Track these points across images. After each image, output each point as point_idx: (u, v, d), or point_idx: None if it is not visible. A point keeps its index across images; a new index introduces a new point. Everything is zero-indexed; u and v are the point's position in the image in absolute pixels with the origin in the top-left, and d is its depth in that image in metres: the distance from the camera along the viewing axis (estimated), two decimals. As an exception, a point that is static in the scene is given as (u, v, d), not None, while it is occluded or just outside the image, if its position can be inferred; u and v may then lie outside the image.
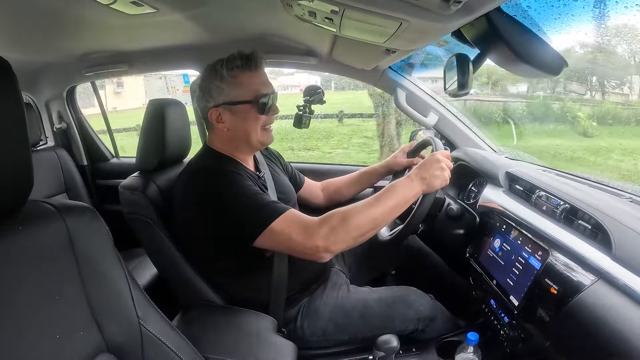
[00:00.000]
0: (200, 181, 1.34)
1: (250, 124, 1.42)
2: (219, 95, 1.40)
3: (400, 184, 1.34)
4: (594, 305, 0.92)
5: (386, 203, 1.29)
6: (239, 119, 1.41)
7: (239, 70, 1.39)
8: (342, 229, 1.23)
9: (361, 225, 1.25)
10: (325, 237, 1.23)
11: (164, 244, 1.42)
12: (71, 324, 0.75)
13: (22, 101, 0.69)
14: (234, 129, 1.43)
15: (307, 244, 1.24)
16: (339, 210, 1.27)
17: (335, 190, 2.00)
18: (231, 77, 1.38)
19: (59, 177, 2.52)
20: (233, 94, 1.39)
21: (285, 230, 1.24)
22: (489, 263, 1.40)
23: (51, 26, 1.60)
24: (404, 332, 1.47)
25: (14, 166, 0.69)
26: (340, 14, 1.04)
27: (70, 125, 2.70)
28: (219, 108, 1.41)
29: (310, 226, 1.25)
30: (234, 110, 1.41)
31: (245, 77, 1.39)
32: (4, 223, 0.71)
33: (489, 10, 0.91)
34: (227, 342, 1.26)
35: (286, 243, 1.27)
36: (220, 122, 1.42)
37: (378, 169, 1.93)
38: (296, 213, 1.29)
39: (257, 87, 1.40)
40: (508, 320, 1.28)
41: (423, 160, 1.40)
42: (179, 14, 1.50)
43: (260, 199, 1.28)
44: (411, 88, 2.11)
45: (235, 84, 1.39)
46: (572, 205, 1.20)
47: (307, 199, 1.97)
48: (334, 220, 1.24)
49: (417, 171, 1.35)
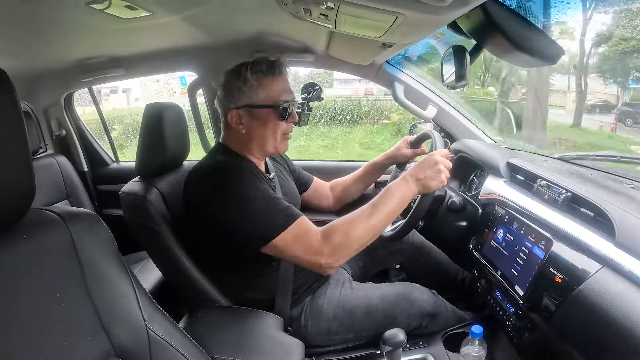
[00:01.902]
0: (212, 179, 1.34)
1: (269, 129, 1.43)
2: (241, 98, 1.40)
3: (396, 186, 1.34)
4: (599, 293, 0.92)
5: (383, 210, 1.30)
6: (258, 123, 1.42)
7: (262, 75, 1.39)
8: (344, 245, 1.27)
9: (362, 237, 1.29)
10: (328, 255, 1.26)
11: (168, 247, 1.42)
12: (78, 330, 0.75)
13: (20, 110, 0.69)
14: (252, 132, 1.43)
15: (311, 260, 1.27)
16: (339, 225, 1.29)
17: (343, 191, 2.00)
18: (255, 80, 1.39)
19: (60, 184, 2.52)
20: (255, 97, 1.40)
21: (290, 245, 1.27)
22: (493, 254, 1.40)
23: (47, 33, 1.60)
24: (407, 329, 1.47)
25: (16, 175, 0.69)
26: (336, 9, 1.04)
27: (69, 131, 2.70)
28: (240, 110, 1.41)
29: (314, 244, 1.27)
30: (254, 114, 1.41)
31: (268, 82, 1.40)
32: (7, 232, 0.72)
33: (485, 1, 0.91)
34: (235, 342, 1.26)
35: (290, 256, 1.31)
36: (239, 124, 1.43)
37: (381, 162, 1.93)
38: (304, 225, 1.30)
39: (279, 93, 1.41)
40: (514, 310, 1.28)
41: (420, 160, 1.40)
42: (174, 17, 1.49)
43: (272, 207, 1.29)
44: (409, 81, 2.11)
45: (258, 88, 1.39)
46: (574, 194, 1.20)
47: (317, 201, 1.98)
48: (336, 237, 1.26)
49: (413, 172, 1.35)
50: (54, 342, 0.70)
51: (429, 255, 1.94)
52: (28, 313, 0.69)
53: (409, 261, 1.96)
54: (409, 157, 1.86)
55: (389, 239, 1.62)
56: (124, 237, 1.23)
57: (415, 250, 1.93)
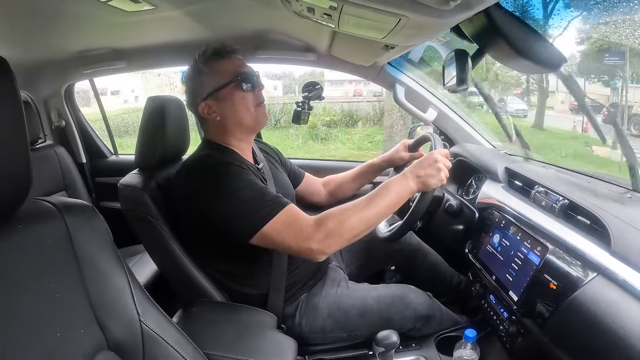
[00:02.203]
0: (198, 174, 1.34)
1: (239, 104, 1.42)
2: (203, 89, 1.41)
3: (395, 182, 1.33)
4: (593, 301, 0.92)
5: (380, 203, 1.29)
6: (227, 104, 1.42)
7: (213, 60, 1.41)
8: (336, 232, 1.25)
9: (355, 227, 1.26)
10: (320, 241, 1.24)
11: (164, 241, 1.42)
12: (72, 321, 0.75)
13: (20, 99, 0.69)
14: (225, 116, 1.43)
15: (302, 246, 1.25)
16: (334, 213, 1.27)
17: (337, 187, 1.99)
18: (208, 67, 1.41)
19: (57, 175, 2.51)
20: (215, 82, 1.40)
21: (280, 232, 1.25)
22: (488, 259, 1.40)
23: (49, 24, 1.60)
24: (401, 330, 1.47)
25: (13, 165, 0.69)
26: (339, 10, 1.04)
27: (69, 123, 2.70)
28: (207, 100, 1.42)
29: (305, 228, 1.25)
30: (219, 97, 1.41)
31: (220, 65, 1.41)
32: (4, 222, 0.71)
33: (488, 6, 0.91)
34: (228, 339, 1.26)
35: (281, 245, 1.28)
36: (211, 113, 1.43)
37: (378, 164, 1.92)
38: (292, 213, 1.28)
39: (234, 69, 1.42)
40: (507, 315, 1.28)
41: (420, 158, 1.39)
42: (177, 11, 1.50)
43: (259, 197, 1.28)
44: (410, 84, 2.11)
45: (214, 73, 1.40)
46: (571, 201, 1.21)
47: (308, 196, 1.96)
48: (329, 223, 1.25)
49: (413, 169, 1.35)
50: (47, 333, 0.70)
51: (424, 257, 1.94)
52: (22, 303, 0.68)
53: (404, 263, 1.96)
54: (406, 161, 1.86)
55: (386, 240, 1.62)
56: (120, 230, 1.23)
57: (412, 252, 1.93)
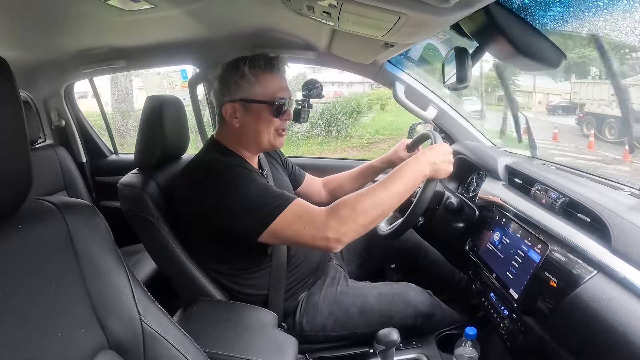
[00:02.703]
0: (204, 176, 1.33)
1: (262, 124, 1.41)
2: (237, 91, 1.39)
3: (409, 165, 1.31)
4: (593, 298, 0.92)
5: (394, 186, 1.26)
6: (252, 118, 1.41)
7: (260, 70, 1.39)
8: (351, 218, 1.21)
9: (370, 211, 1.22)
10: (335, 229, 1.20)
11: (164, 241, 1.42)
12: (73, 321, 0.75)
13: (20, 99, 0.69)
14: (245, 127, 1.42)
15: (317, 236, 1.21)
16: (346, 199, 1.24)
17: (337, 187, 1.99)
18: (252, 75, 1.38)
19: (58, 175, 2.52)
20: (251, 92, 1.39)
21: (291, 225, 1.22)
22: (489, 256, 1.40)
23: (48, 23, 1.60)
24: (402, 328, 1.47)
25: (13, 165, 0.69)
26: (339, 8, 1.04)
27: (69, 122, 2.70)
28: (235, 103, 1.40)
29: (318, 218, 1.22)
30: (248, 108, 1.40)
31: (265, 78, 1.40)
32: (4, 222, 0.71)
33: (488, 4, 0.91)
34: (228, 337, 1.26)
35: (294, 238, 1.25)
36: (233, 118, 1.42)
37: (378, 165, 1.92)
38: (302, 204, 1.26)
39: (275, 90, 1.40)
40: (508, 313, 1.28)
41: (432, 146, 1.39)
42: (177, 10, 1.49)
43: (265, 194, 1.26)
44: (410, 82, 2.11)
45: (255, 83, 1.39)
46: (571, 199, 1.20)
47: (308, 196, 1.96)
48: (342, 210, 1.22)
49: (428, 154, 1.33)
50: (48, 333, 0.70)
51: (425, 255, 1.95)
52: (22, 303, 0.68)
53: (405, 261, 1.96)
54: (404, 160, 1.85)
55: (386, 237, 1.62)
56: (120, 230, 1.23)
57: (412, 250, 1.94)
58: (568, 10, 1.10)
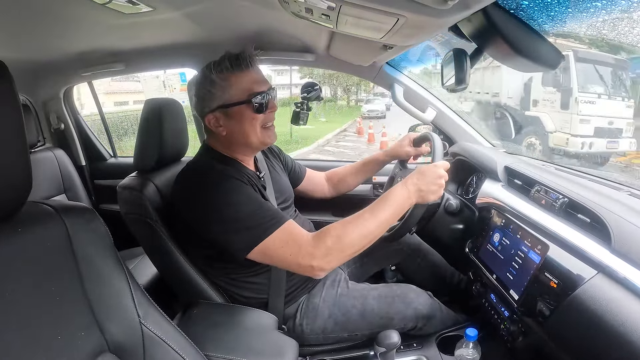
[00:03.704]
0: (196, 184, 1.31)
1: (247, 124, 1.38)
2: (212, 101, 1.37)
3: (395, 194, 1.32)
4: (594, 299, 0.92)
5: (380, 216, 1.27)
6: (235, 122, 1.38)
7: (228, 72, 1.35)
8: (336, 249, 1.22)
9: (356, 242, 1.25)
10: (320, 258, 1.22)
11: (163, 244, 1.42)
12: (72, 324, 0.75)
13: (19, 102, 0.69)
14: (232, 133, 1.40)
15: (302, 263, 1.23)
16: (334, 229, 1.25)
17: (340, 180, 1.99)
18: (221, 79, 1.35)
19: (57, 178, 2.52)
20: (226, 97, 1.35)
21: (278, 249, 1.23)
22: (489, 258, 1.40)
23: (47, 26, 1.60)
24: (402, 330, 1.47)
25: (13, 168, 0.69)
26: (337, 10, 1.04)
27: (68, 125, 2.70)
28: (215, 113, 1.37)
29: (304, 246, 1.23)
30: (229, 114, 1.37)
31: (235, 78, 1.35)
32: (3, 225, 0.72)
33: (486, 5, 0.91)
34: (228, 340, 1.26)
35: (279, 262, 1.26)
36: (218, 127, 1.39)
37: (382, 158, 1.92)
38: (290, 230, 1.26)
39: (249, 87, 1.36)
40: (508, 314, 1.28)
41: (423, 169, 1.36)
42: (175, 12, 1.49)
43: (255, 215, 1.25)
44: (408, 84, 2.11)
45: (227, 87, 1.35)
46: (571, 199, 1.21)
47: (311, 191, 1.97)
48: (329, 239, 1.23)
49: (416, 181, 1.33)
50: (48, 336, 0.70)
51: (425, 257, 1.94)
52: (22, 306, 0.69)
53: (405, 262, 1.96)
54: (411, 155, 1.84)
55: (384, 240, 1.62)
56: (120, 233, 1.23)
57: (412, 252, 1.94)
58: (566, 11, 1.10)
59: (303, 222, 1.71)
